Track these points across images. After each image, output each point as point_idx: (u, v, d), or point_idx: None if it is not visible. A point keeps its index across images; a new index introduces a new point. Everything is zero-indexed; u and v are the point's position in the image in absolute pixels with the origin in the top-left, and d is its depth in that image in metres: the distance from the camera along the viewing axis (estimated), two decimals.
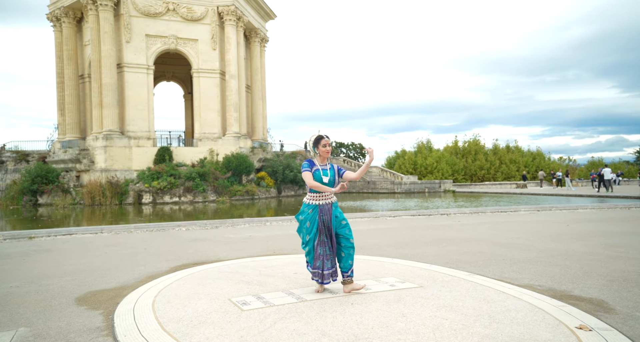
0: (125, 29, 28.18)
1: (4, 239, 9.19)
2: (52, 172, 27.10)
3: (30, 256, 6.89)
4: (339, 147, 61.60)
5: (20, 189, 26.87)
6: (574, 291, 4.22)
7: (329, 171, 4.18)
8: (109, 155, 26.70)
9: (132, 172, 26.65)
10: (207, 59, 29.53)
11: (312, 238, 4.13)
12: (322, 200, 4.15)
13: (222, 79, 30.11)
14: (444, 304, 3.75)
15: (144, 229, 10.22)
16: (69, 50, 30.80)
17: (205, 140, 29.22)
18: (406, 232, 8.87)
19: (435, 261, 5.68)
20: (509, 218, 11.84)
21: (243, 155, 27.79)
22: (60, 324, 3.28)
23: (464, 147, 58.76)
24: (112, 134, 26.97)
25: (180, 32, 29.13)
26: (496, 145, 59.87)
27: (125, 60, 28.14)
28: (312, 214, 4.13)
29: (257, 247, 7.18)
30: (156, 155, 27.02)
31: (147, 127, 28.45)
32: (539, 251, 6.36)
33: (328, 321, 3.31)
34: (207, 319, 3.36)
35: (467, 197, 27.53)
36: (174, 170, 25.29)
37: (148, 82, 28.81)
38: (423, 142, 55.28)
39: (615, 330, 3.16)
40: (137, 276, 5.07)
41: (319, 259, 4.08)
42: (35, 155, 32.75)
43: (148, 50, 28.74)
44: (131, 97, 28.16)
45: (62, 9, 30.23)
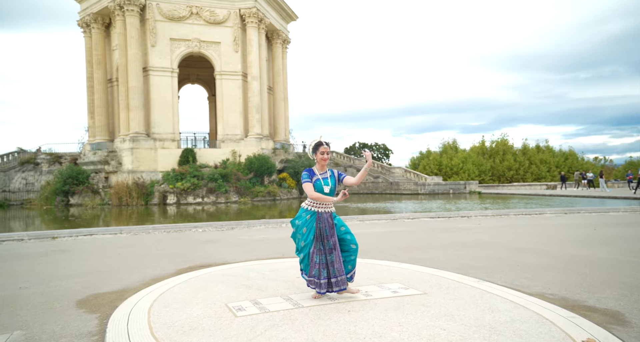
0: (151, 33, 28.81)
1: (28, 239, 9.48)
2: (82, 173, 27.97)
3: (48, 256, 7.07)
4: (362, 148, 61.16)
5: (53, 189, 27.85)
6: (589, 300, 3.99)
7: (330, 179, 4.12)
8: (135, 157, 27.33)
9: (158, 173, 27.20)
10: (229, 61, 29.87)
11: (307, 244, 4.05)
12: (322, 208, 4.07)
13: (244, 81, 30.40)
14: (445, 312, 3.60)
15: (162, 230, 10.36)
16: (98, 55, 31.72)
17: (228, 141, 29.55)
18: (421, 235, 8.68)
19: (445, 266, 5.50)
20: (532, 221, 11.44)
21: (265, 156, 27.96)
22: (55, 328, 3.31)
23: (491, 148, 57.47)
24: (138, 136, 27.60)
25: (203, 35, 29.57)
26: (525, 145, 58.29)
27: (151, 64, 28.77)
28: (309, 221, 4.06)
29: (267, 250, 7.15)
30: (180, 156, 27.49)
31: (172, 129, 29.00)
32: (557, 257, 6.08)
33: (320, 330, 3.22)
34: (199, 325, 3.33)
35: (493, 198, 26.86)
36: (197, 171, 25.68)
37: (172, 85, 29.36)
38: (449, 142, 54.37)
39: None
40: (143, 278, 5.10)
41: (315, 268, 3.98)
42: (68, 157, 33.89)
43: (172, 53, 29.29)
44: (156, 99, 28.76)
45: (91, 15, 31.17)
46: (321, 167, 4.15)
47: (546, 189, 37.22)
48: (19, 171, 34.28)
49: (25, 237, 9.53)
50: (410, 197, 29.98)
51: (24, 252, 7.58)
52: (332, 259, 3.99)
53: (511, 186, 41.68)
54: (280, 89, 34.63)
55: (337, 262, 3.99)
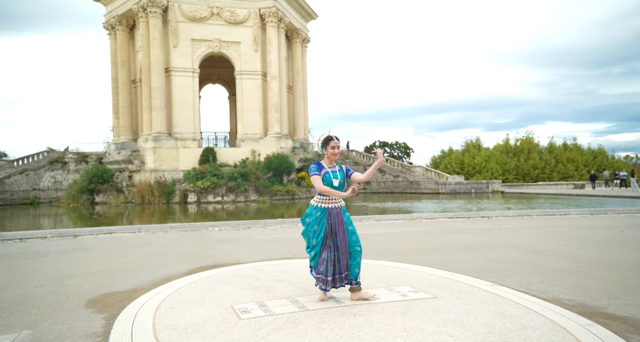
0: (173, 35, 29.22)
1: (52, 237, 9.72)
2: (107, 172, 28.64)
3: (67, 254, 7.22)
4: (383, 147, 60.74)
5: (79, 188, 28.60)
6: (609, 307, 3.81)
7: (338, 173, 4.07)
8: (157, 156, 27.79)
9: (179, 172, 27.59)
10: (249, 61, 30.05)
11: (319, 242, 4.00)
12: (332, 203, 4.02)
13: (264, 80, 30.54)
14: (454, 318, 3.49)
15: (179, 229, 10.48)
16: (122, 57, 32.38)
17: (247, 140, 29.76)
18: (438, 236, 8.51)
19: (459, 269, 5.37)
20: (556, 222, 11.11)
21: (284, 155, 28.04)
22: (62, 327, 3.35)
23: (515, 146, 56.24)
24: (160, 136, 28.06)
25: (223, 35, 29.82)
26: (552, 143, 56.81)
27: (173, 65, 29.19)
28: (320, 218, 4.01)
29: (280, 250, 7.13)
30: (201, 156, 27.82)
31: (193, 128, 29.36)
32: (579, 260, 5.86)
33: (323, 334, 3.16)
34: (202, 328, 3.31)
35: (517, 198, 26.26)
36: (217, 170, 25.94)
37: (193, 85, 29.72)
38: (471, 141, 53.43)
39: None
40: (154, 278, 5.15)
41: (322, 264, 3.94)
42: (94, 157, 34.76)
43: (193, 54, 29.64)
44: (178, 100, 29.17)
45: (116, 17, 31.83)
46: (330, 162, 4.11)
47: (573, 188, 36.18)
48: (48, 170, 35.34)
49: (48, 235, 9.78)
50: (431, 196, 29.58)
51: (45, 250, 7.76)
52: (338, 255, 3.96)
53: (536, 185, 40.61)
54: (299, 88, 34.66)
55: (343, 259, 3.96)
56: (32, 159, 36.14)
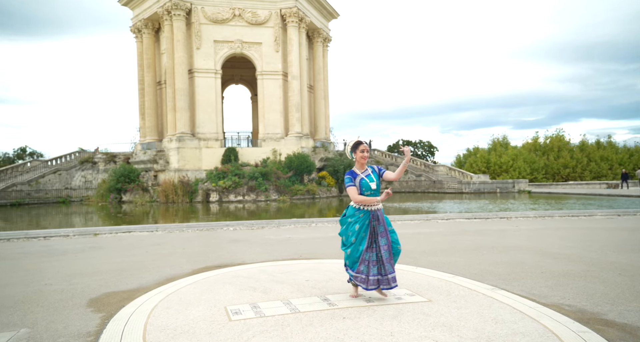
0: (196, 37, 29.73)
1: (73, 235, 10.07)
2: (133, 172, 29.42)
3: (83, 252, 7.46)
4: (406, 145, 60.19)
5: (107, 187, 29.51)
6: (609, 314, 3.68)
7: (372, 175, 4.16)
8: (181, 156, 28.36)
9: (202, 171, 28.07)
10: (270, 61, 30.28)
11: (358, 241, 4.06)
12: (373, 206, 4.13)
13: (285, 80, 30.70)
14: (444, 322, 3.44)
15: (195, 228, 10.67)
16: (148, 59, 33.18)
17: (268, 140, 30.00)
18: (450, 238, 8.38)
19: (463, 271, 5.27)
20: (578, 224, 10.76)
21: (304, 155, 28.13)
22: (59, 326, 3.47)
23: (545, 144, 54.68)
24: (183, 136, 28.61)
25: (245, 36, 30.14)
26: (584, 141, 54.98)
27: (196, 66, 29.70)
28: (363, 218, 4.09)
29: (288, 250, 7.17)
30: (223, 155, 28.22)
31: (215, 128, 29.81)
32: (591, 264, 5.66)
33: (308, 337, 3.17)
34: (190, 329, 3.37)
35: (545, 198, 25.54)
36: (238, 170, 26.26)
37: (216, 86, 30.17)
38: (498, 139, 52.24)
39: None
40: (158, 277, 5.26)
41: (363, 263, 4.01)
42: (121, 157, 35.77)
43: (216, 55, 30.08)
44: (201, 100, 29.68)
45: (142, 21, 32.62)
46: (361, 166, 4.19)
47: (606, 187, 34.91)
48: (79, 170, 36.58)
49: (70, 233, 10.13)
50: (454, 196, 29.12)
51: (64, 248, 8.04)
52: (386, 256, 4.03)
53: (566, 185, 39.39)
54: (320, 88, 34.69)
55: (388, 260, 4.03)
56: (65, 159, 37.45)
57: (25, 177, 34.76)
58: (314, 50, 34.66)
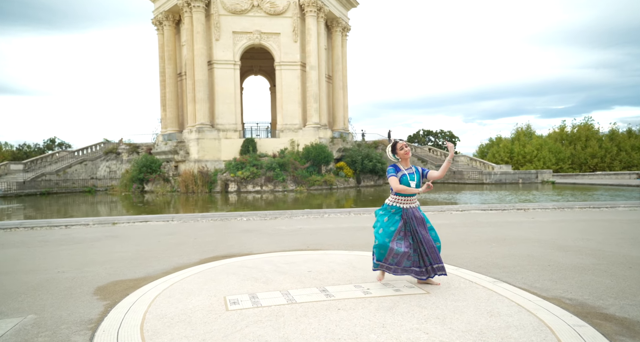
0: (215, 28, 29.90)
1: (93, 224, 10.38)
2: (155, 162, 30.04)
3: (99, 241, 7.69)
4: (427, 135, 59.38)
5: (130, 177, 30.24)
6: (611, 308, 3.60)
7: (415, 175, 4.24)
8: (200, 147, 28.76)
9: (221, 162, 28.43)
10: (288, 52, 30.24)
11: (388, 234, 4.14)
12: (407, 204, 4.21)
13: (303, 71, 30.64)
14: (438, 315, 3.43)
15: (209, 218, 10.85)
16: (169, 51, 33.59)
17: (286, 131, 30.10)
18: (461, 230, 8.29)
19: (468, 264, 5.23)
20: (598, 216, 10.49)
21: (322, 145, 28.14)
22: (63, 313, 3.61)
23: (572, 133, 53.14)
24: (203, 127, 28.97)
25: (263, 26, 30.15)
26: (614, 130, 53.27)
27: (215, 58, 29.92)
28: (394, 214, 4.19)
29: (296, 241, 7.23)
30: (242, 146, 28.49)
31: (234, 119, 30.07)
32: (602, 257, 5.53)
33: (300, 328, 3.21)
34: (187, 318, 3.46)
35: (569, 189, 24.94)
36: (256, 160, 26.49)
37: (235, 77, 30.35)
38: (522, 128, 51.06)
39: None
40: (166, 267, 5.40)
41: (391, 256, 4.11)
42: (144, 147, 36.55)
43: (235, 46, 30.22)
44: (220, 92, 29.93)
45: (163, 13, 32.98)
46: (406, 163, 4.28)
47: (637, 178, 33.79)
48: (104, 160, 37.56)
49: (90, 222, 10.44)
50: (474, 187, 28.70)
51: (83, 237, 8.31)
52: (425, 250, 4.13)
53: (593, 175, 38.26)
54: (339, 78, 34.49)
55: (430, 253, 4.13)
56: (90, 150, 38.50)
57: (53, 167, 35.93)
58: (332, 40, 34.42)
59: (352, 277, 4.65)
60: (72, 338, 3.03)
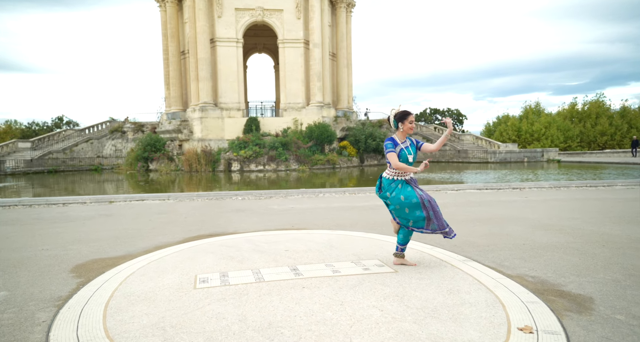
0: (217, 5, 29.50)
1: (90, 202, 10.56)
2: (159, 141, 30.20)
3: (92, 219, 7.84)
4: (434, 114, 58.72)
5: (135, 156, 30.49)
6: (569, 285, 3.64)
7: (411, 148, 4.17)
8: (204, 126, 28.81)
9: (224, 141, 28.51)
10: (291, 29, 29.82)
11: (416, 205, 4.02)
12: (407, 175, 4.16)
13: (306, 48, 30.27)
14: (397, 293, 3.50)
15: (205, 197, 10.98)
16: (171, 29, 33.30)
17: (290, 110, 29.98)
18: (452, 209, 8.30)
19: (445, 243, 5.27)
20: (594, 194, 10.42)
21: (325, 124, 28.03)
22: (35, 290, 3.73)
23: (582, 110, 52.12)
24: (206, 106, 28.95)
25: (266, 3, 29.68)
26: (625, 107, 52.10)
27: (217, 35, 29.63)
28: (403, 187, 4.11)
29: (284, 220, 7.31)
30: (245, 125, 28.49)
31: (237, 98, 29.97)
32: (580, 236, 5.54)
33: (260, 306, 3.29)
34: (153, 296, 3.55)
35: (574, 168, 24.69)
36: (259, 139, 26.51)
37: (238, 55, 30.10)
38: (530, 106, 50.21)
39: (562, 335, 2.70)
40: (149, 245, 5.51)
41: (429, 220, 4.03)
42: (149, 126, 36.67)
43: (237, 23, 29.86)
44: (222, 70, 29.75)
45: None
46: (402, 136, 4.17)
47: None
48: (110, 139, 37.85)
49: (87, 200, 10.62)
50: (479, 166, 28.54)
51: (77, 215, 8.48)
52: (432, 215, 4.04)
53: (601, 154, 37.71)
54: (343, 55, 34.04)
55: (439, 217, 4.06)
56: (96, 128, 38.78)
57: (60, 145, 36.33)
58: (337, 16, 33.82)
59: (327, 257, 4.73)
60: (36, 315, 3.14)
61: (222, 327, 2.90)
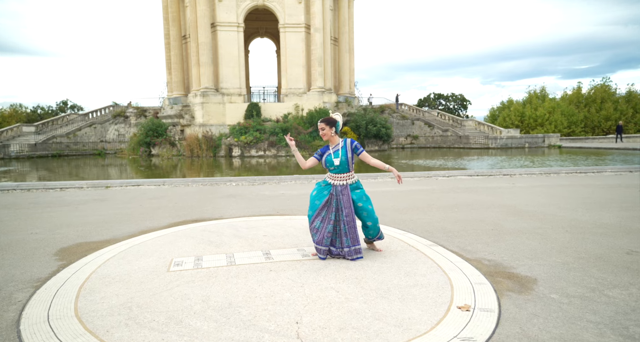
0: None
1: (87, 187, 10.82)
2: (161, 126, 30.40)
3: (85, 204, 8.10)
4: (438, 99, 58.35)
5: (137, 141, 30.74)
6: (520, 268, 3.84)
7: (340, 151, 4.20)
8: (205, 111, 28.94)
9: (225, 127, 28.66)
10: (292, 14, 29.62)
11: (314, 211, 4.25)
12: (337, 180, 4.24)
13: (307, 33, 30.10)
14: (357, 275, 3.70)
15: (199, 183, 11.20)
16: (173, 13, 33.14)
17: (291, 95, 29.99)
18: (436, 196, 8.47)
19: (418, 229, 5.46)
20: (581, 181, 10.54)
21: (325, 110, 28.06)
22: (17, 272, 3.97)
23: (588, 95, 51.58)
24: (207, 91, 29.03)
25: None
26: (631, 92, 51.45)
27: (218, 19, 29.49)
28: (323, 188, 4.29)
29: (270, 206, 7.52)
30: (246, 110, 28.58)
31: (239, 83, 29.98)
32: (548, 221, 5.71)
33: (225, 287, 3.51)
34: (127, 277, 3.78)
35: (575, 154, 24.63)
36: (259, 125, 26.64)
37: (239, 40, 30.00)
38: (535, 91, 49.76)
39: (496, 312, 2.93)
40: (134, 230, 5.75)
41: (315, 233, 4.21)
42: (151, 111, 36.84)
43: (238, 7, 29.68)
44: (223, 55, 29.71)
45: None
46: (333, 141, 4.26)
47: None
48: (113, 123, 38.10)
49: (84, 185, 10.89)
50: (479, 152, 28.54)
51: (72, 199, 8.74)
52: (345, 230, 4.16)
53: (604, 139, 37.48)
54: (345, 40, 33.81)
55: (350, 233, 4.13)
56: (100, 113, 39.01)
57: (64, 129, 36.66)
58: (338, 0, 33.47)
59: (301, 241, 4.93)
60: (14, 295, 3.38)
61: (184, 307, 3.12)
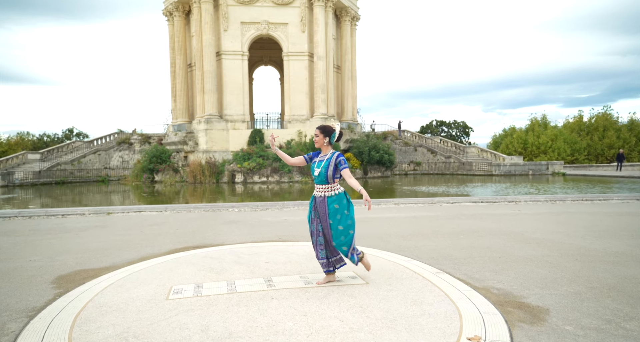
0: (223, 18, 30.05)
1: (88, 214, 10.77)
2: (165, 153, 30.58)
3: (86, 231, 8.02)
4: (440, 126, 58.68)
5: (141, 167, 30.86)
6: (531, 297, 3.71)
7: (323, 163, 4.12)
8: (209, 137, 29.14)
9: (229, 153, 28.79)
10: (296, 42, 30.24)
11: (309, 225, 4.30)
12: (318, 192, 4.20)
13: (311, 61, 30.63)
14: (362, 304, 3.58)
15: (201, 209, 11.12)
16: (179, 42, 33.92)
17: (294, 122, 30.24)
18: (440, 222, 8.36)
19: (423, 256, 5.34)
20: (588, 208, 10.42)
21: None
22: (12, 301, 3.85)
23: (589, 123, 51.85)
24: (211, 118, 29.32)
25: (271, 17, 30.16)
26: (633, 120, 51.73)
27: (223, 48, 30.11)
28: (310, 202, 4.31)
29: (273, 232, 7.42)
30: (249, 137, 28.76)
31: (242, 110, 30.32)
32: (557, 249, 5.58)
33: (225, 316, 3.39)
34: (125, 306, 3.67)
35: (579, 181, 24.49)
36: (263, 151, 26.74)
37: (243, 68, 30.52)
38: (536, 118, 50.02)
39: None
40: (133, 257, 5.64)
41: (314, 248, 4.23)
42: (155, 138, 37.15)
43: (243, 37, 30.34)
44: (228, 83, 30.17)
45: (173, 4, 33.24)
46: (324, 150, 4.22)
47: None
48: (117, 150, 38.38)
49: (86, 212, 10.83)
50: (484, 179, 28.43)
51: (73, 226, 8.66)
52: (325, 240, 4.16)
53: (608, 167, 37.36)
54: (348, 68, 34.35)
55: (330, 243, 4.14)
56: (104, 140, 39.37)
57: (68, 157, 36.90)
58: (341, 29, 34.23)
59: (304, 268, 4.82)
60: (7, 325, 3.27)
61: (182, 337, 3.00)
